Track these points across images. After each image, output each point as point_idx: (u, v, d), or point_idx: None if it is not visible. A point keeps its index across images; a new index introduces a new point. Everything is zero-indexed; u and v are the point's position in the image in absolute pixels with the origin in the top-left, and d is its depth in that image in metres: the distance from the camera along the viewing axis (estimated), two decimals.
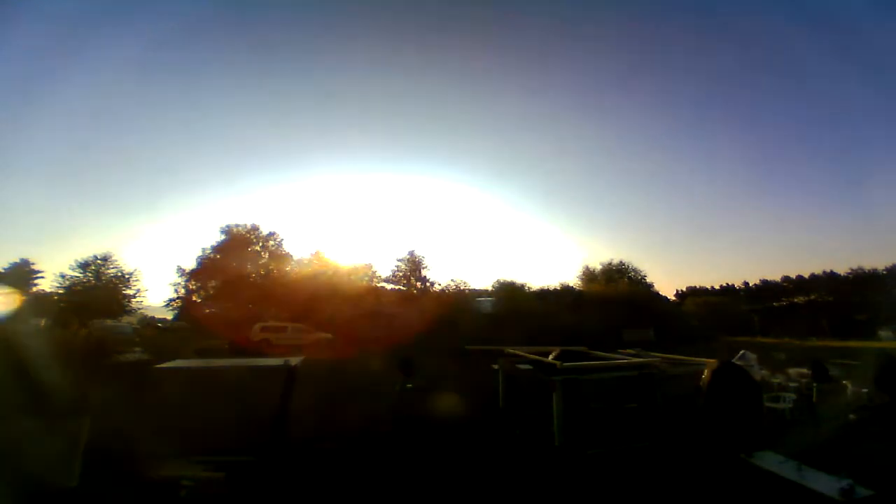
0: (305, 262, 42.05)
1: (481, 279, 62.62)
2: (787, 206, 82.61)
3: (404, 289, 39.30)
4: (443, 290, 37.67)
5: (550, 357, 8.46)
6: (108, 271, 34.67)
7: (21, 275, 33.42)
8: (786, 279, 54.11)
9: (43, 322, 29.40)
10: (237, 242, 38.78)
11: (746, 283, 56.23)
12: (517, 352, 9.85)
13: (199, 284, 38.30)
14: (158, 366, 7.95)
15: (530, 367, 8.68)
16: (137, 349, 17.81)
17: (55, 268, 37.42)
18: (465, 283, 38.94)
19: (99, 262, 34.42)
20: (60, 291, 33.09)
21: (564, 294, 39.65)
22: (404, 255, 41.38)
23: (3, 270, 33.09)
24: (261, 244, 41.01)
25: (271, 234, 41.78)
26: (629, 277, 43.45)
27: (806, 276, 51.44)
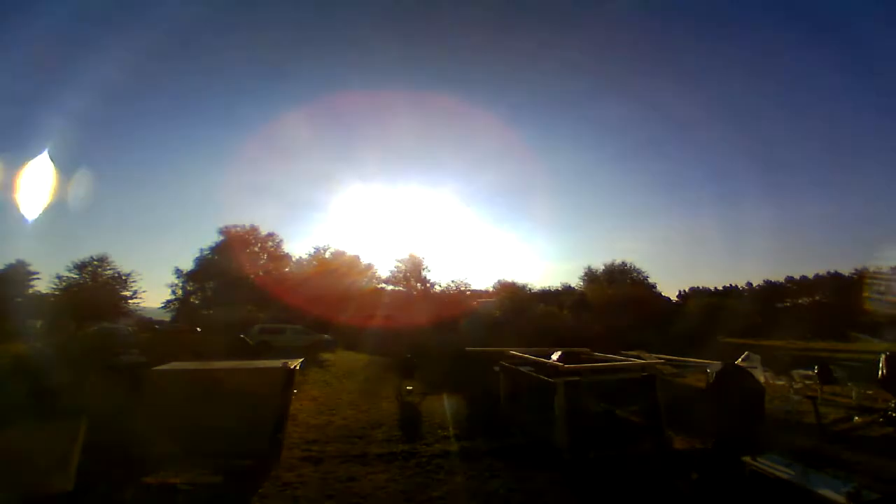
0: (305, 262, 41.97)
1: (482, 280, 62.57)
2: (790, 206, 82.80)
3: (404, 290, 39.16)
4: (443, 292, 37.53)
5: (552, 359, 8.37)
6: (105, 272, 34.49)
7: (17, 276, 33.26)
8: (789, 280, 54.07)
9: (39, 324, 29.29)
10: (236, 243, 38.66)
11: (750, 284, 56.18)
12: (519, 353, 9.75)
13: (197, 286, 38.18)
14: (156, 368, 7.85)
15: (532, 368, 8.59)
16: (134, 351, 17.65)
17: (51, 269, 37.35)
18: (465, 284, 38.83)
19: (95, 263, 34.24)
20: (57, 293, 32.91)
21: (566, 295, 39.56)
22: (404, 255, 41.32)
23: None
24: (259, 245, 40.93)
25: (270, 235, 41.73)
26: (631, 278, 43.35)
27: (810, 276, 51.45)
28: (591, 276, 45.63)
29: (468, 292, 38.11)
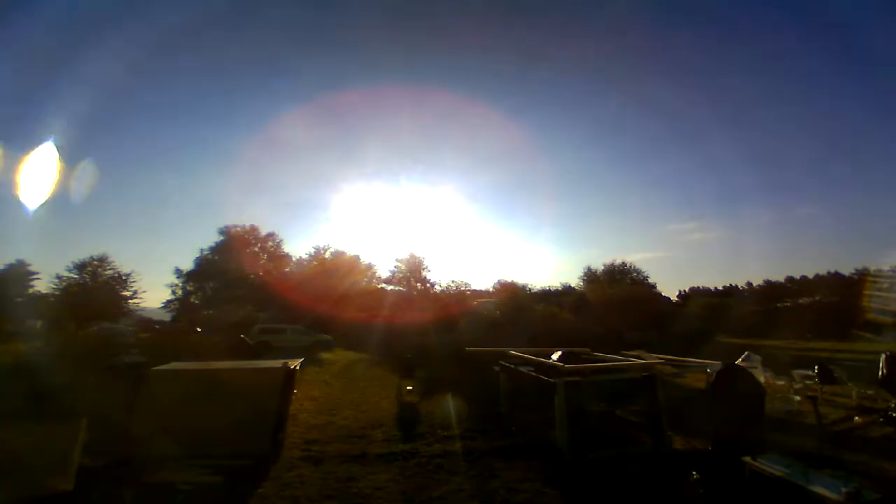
0: (305, 262, 41.99)
1: (482, 280, 62.62)
2: (790, 206, 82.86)
3: (404, 290, 39.16)
4: (443, 292, 37.54)
5: (553, 359, 8.36)
6: (105, 272, 34.51)
7: (17, 276, 33.28)
8: (790, 280, 54.12)
9: (39, 324, 29.27)
10: (236, 243, 38.68)
11: (750, 284, 56.20)
12: (519, 353, 9.74)
13: (197, 286, 38.20)
14: (156, 368, 7.85)
15: (532, 368, 8.58)
16: (134, 351, 17.67)
17: (51, 269, 37.31)
18: (465, 284, 38.85)
19: (95, 263, 34.25)
20: (57, 293, 32.92)
21: (566, 295, 39.54)
22: (404, 255, 41.37)
23: None
24: (259, 245, 40.95)
25: (270, 235, 41.78)
26: (631, 278, 43.39)
27: (810, 276, 51.50)
28: (591, 276, 45.69)
29: (468, 292, 38.12)
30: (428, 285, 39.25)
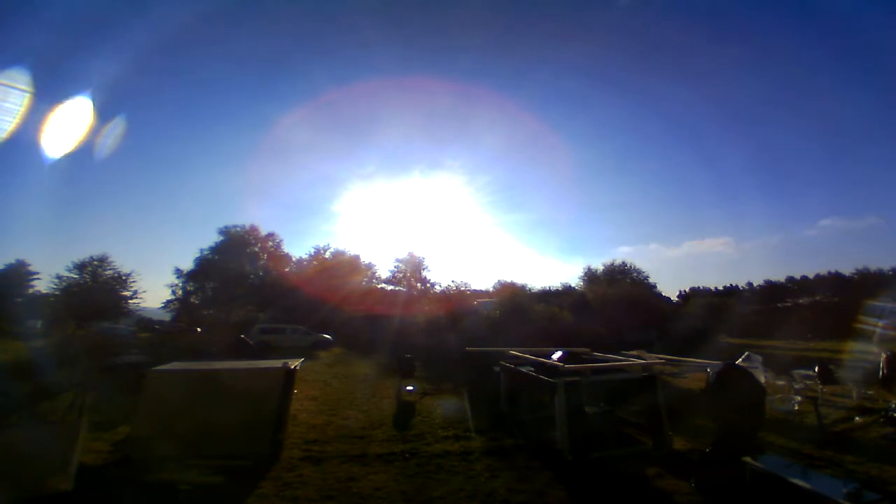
0: (305, 262, 42.00)
1: (482, 280, 62.58)
2: (791, 206, 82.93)
3: (404, 290, 39.17)
4: (443, 292, 37.50)
5: (553, 359, 8.36)
6: (105, 272, 34.48)
7: (17, 276, 33.28)
8: (790, 280, 54.17)
9: (39, 324, 29.25)
10: (236, 243, 38.67)
11: (750, 284, 56.25)
12: (519, 353, 9.74)
13: (197, 286, 38.17)
14: (156, 368, 7.85)
15: (532, 368, 8.59)
16: (135, 351, 17.68)
17: (52, 269, 37.32)
18: (466, 284, 38.81)
19: (95, 263, 34.23)
20: (57, 293, 32.89)
21: (566, 295, 39.47)
22: (404, 255, 41.40)
23: None
24: (259, 245, 40.95)
25: (270, 235, 41.77)
26: (631, 278, 43.36)
27: (811, 276, 51.56)
28: (591, 276, 45.65)
29: (468, 292, 38.07)
30: (428, 285, 39.27)
